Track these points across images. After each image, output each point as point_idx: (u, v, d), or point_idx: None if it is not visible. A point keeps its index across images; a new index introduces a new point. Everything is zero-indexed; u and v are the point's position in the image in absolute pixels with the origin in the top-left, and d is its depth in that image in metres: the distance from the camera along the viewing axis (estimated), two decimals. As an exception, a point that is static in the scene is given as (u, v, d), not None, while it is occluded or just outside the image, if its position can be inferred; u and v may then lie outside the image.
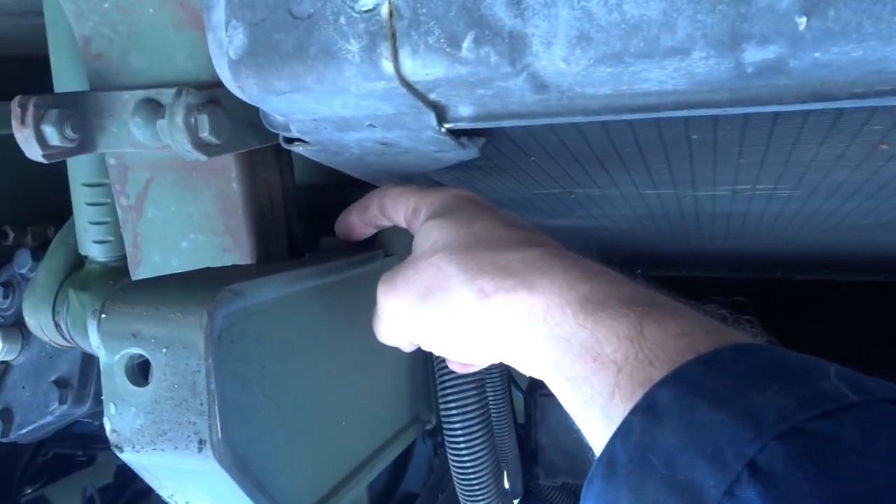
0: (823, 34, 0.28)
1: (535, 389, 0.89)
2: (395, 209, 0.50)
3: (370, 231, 0.56)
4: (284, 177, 0.58)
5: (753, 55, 0.30)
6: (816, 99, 0.32)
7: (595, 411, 0.35)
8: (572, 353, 0.36)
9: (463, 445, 0.66)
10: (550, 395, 1.02)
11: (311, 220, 0.66)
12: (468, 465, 0.67)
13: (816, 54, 0.29)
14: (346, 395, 0.54)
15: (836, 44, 0.28)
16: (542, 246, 0.42)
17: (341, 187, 0.71)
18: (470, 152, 0.44)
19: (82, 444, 1.23)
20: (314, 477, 0.49)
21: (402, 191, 0.50)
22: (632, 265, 0.43)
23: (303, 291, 0.50)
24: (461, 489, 0.69)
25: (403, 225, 0.51)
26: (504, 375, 0.81)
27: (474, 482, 0.67)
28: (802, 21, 0.28)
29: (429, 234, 0.44)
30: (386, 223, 0.54)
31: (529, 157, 0.52)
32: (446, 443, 0.66)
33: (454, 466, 0.68)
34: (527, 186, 0.63)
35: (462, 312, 0.41)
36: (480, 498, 0.69)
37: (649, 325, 0.35)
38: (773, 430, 0.27)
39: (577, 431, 0.39)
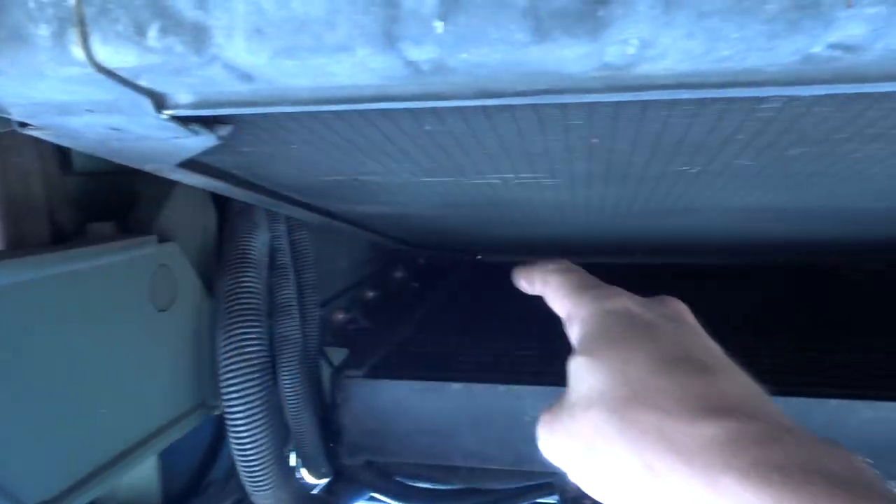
0: (459, 38, 0.31)
1: (340, 371, 0.91)
2: (553, 304, 0.45)
3: None
4: (46, 163, 0.56)
5: (417, 54, 0.33)
6: (486, 95, 0.36)
7: None
8: None
9: (243, 430, 0.67)
10: (353, 377, 1.03)
11: (88, 207, 0.65)
12: (249, 448, 0.68)
13: (464, 55, 0.32)
14: (105, 381, 0.53)
15: (473, 46, 0.32)
16: (721, 417, 0.34)
17: (126, 174, 0.70)
18: (208, 139, 0.45)
19: None
20: (61, 465, 0.48)
21: (559, 286, 0.45)
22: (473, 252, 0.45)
23: (51, 277, 0.49)
24: (243, 473, 0.70)
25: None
26: (299, 359, 0.83)
27: (256, 466, 0.68)
28: (440, 25, 0.31)
29: (582, 378, 0.39)
30: None
31: (290, 145, 0.54)
32: (228, 428, 0.67)
33: (236, 452, 0.68)
34: (309, 173, 0.65)
35: (629, 481, 0.35)
36: (260, 478, 0.70)
37: None
38: None
39: (381, 413, 0.36)
